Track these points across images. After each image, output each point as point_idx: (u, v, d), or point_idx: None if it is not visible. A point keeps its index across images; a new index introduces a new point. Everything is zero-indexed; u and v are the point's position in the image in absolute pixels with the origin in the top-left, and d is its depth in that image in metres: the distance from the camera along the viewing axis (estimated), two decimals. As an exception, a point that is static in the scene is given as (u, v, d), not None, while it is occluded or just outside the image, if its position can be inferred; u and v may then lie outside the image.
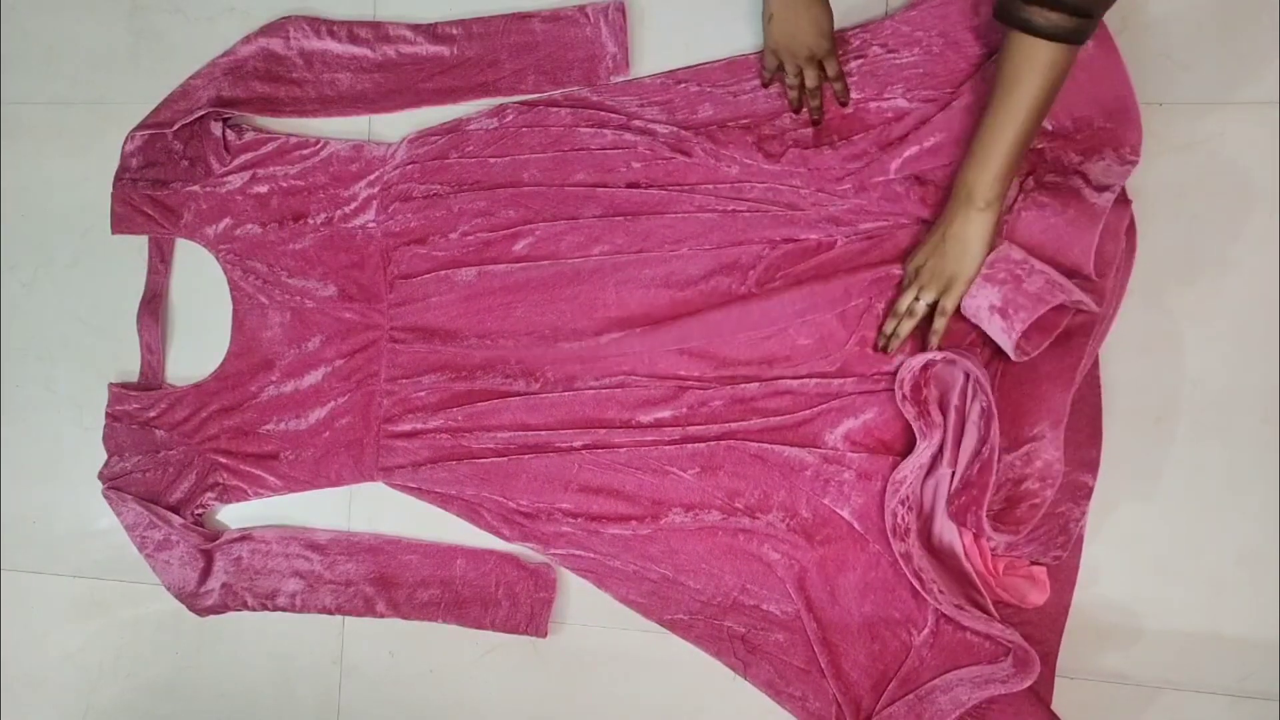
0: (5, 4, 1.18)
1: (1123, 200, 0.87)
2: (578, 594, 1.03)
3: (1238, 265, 0.91)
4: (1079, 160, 0.87)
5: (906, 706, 0.89)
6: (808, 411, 0.94)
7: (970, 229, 0.84)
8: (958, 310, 0.87)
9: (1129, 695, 0.92)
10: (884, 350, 0.91)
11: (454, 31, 1.06)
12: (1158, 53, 0.92)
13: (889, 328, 0.90)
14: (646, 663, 1.02)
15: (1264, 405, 0.91)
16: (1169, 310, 0.92)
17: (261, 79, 1.08)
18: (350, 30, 1.07)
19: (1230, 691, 0.91)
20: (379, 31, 1.07)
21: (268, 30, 1.08)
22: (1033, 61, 0.77)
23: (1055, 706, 0.90)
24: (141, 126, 1.09)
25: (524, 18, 1.04)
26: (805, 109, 0.97)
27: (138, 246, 1.13)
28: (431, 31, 1.06)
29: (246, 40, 1.09)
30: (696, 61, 1.01)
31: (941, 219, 0.86)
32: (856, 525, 0.92)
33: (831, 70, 0.94)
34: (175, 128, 1.07)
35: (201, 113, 1.07)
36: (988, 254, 0.84)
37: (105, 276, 1.15)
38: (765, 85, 0.98)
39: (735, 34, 1.01)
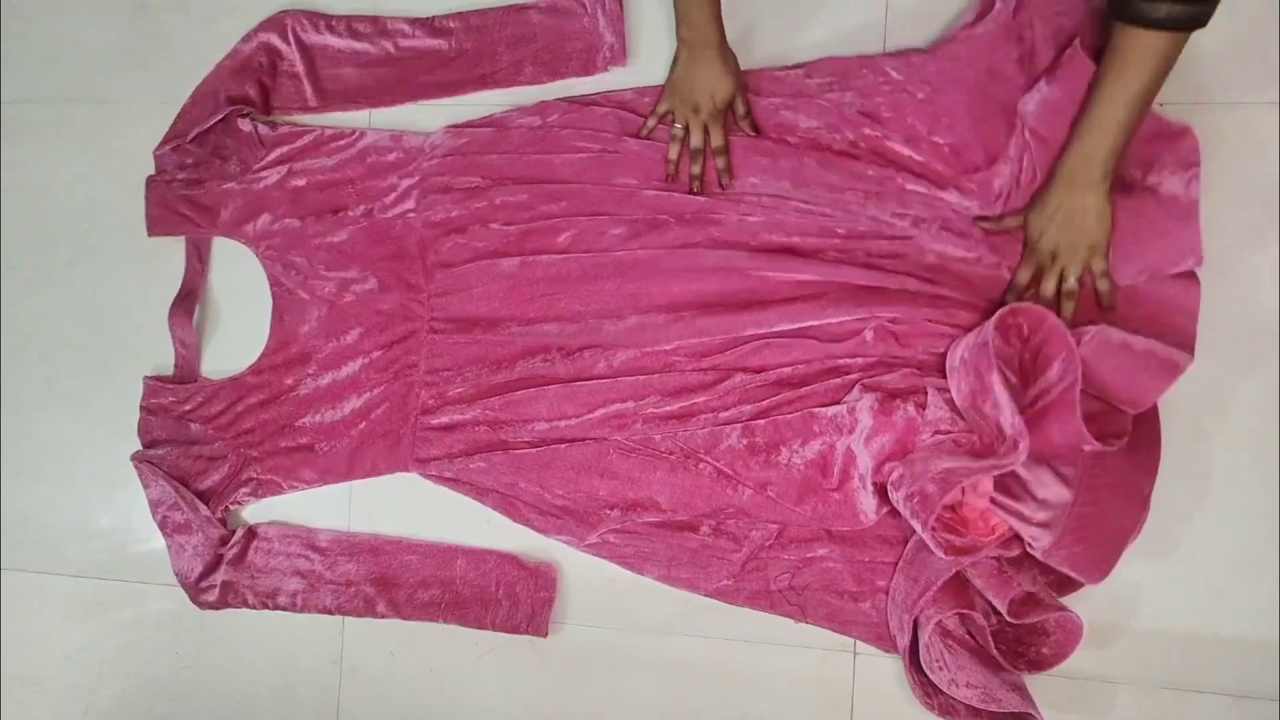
0: (5, 3, 1.18)
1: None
2: (578, 594, 1.03)
3: (1238, 266, 0.91)
4: (1140, 174, 0.90)
5: (902, 574, 0.93)
6: (838, 380, 0.93)
7: (1090, 199, 0.85)
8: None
9: (1129, 695, 0.92)
10: None
11: (452, 25, 1.06)
12: (1158, 53, 0.92)
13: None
14: (646, 663, 1.02)
15: (1264, 405, 0.91)
16: (1169, 310, 0.92)
17: (267, 74, 1.08)
18: (349, 24, 1.08)
19: (1230, 691, 0.91)
20: (378, 25, 1.07)
21: (267, 25, 1.09)
22: (1149, 51, 0.79)
23: (1053, 707, 0.90)
24: (163, 142, 1.09)
25: (521, 9, 1.05)
26: (688, 176, 0.98)
27: (137, 246, 1.13)
28: (429, 25, 1.06)
29: (247, 38, 1.09)
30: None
31: (1047, 201, 0.88)
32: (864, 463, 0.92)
33: (716, 140, 0.96)
34: (190, 137, 1.07)
35: (218, 117, 1.07)
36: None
37: (105, 276, 1.15)
38: (643, 134, 1.00)
39: (733, 23, 1.01)
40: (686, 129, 0.97)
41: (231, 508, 1.08)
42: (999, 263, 0.93)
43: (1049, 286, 0.90)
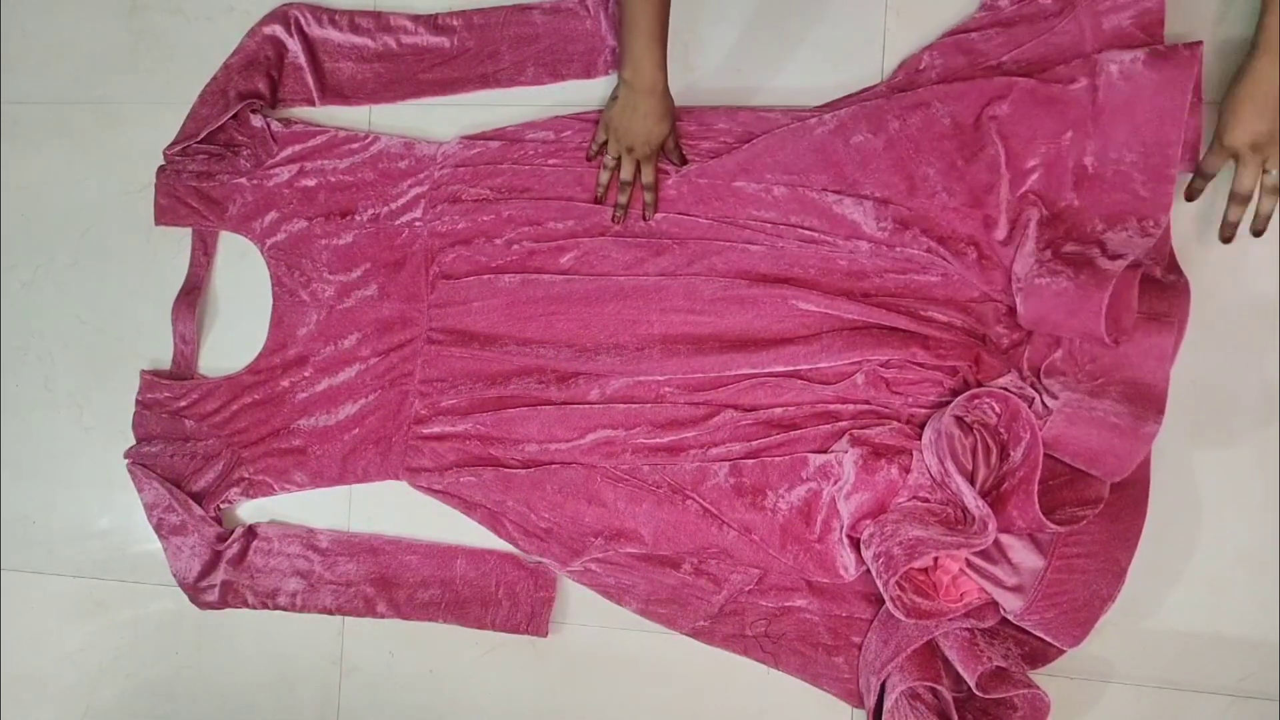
0: (5, 4, 1.18)
1: (1134, 267, 0.84)
2: (578, 594, 1.03)
3: (1238, 265, 0.91)
4: (1101, 229, 0.87)
5: (875, 633, 0.92)
6: (828, 426, 0.93)
7: None
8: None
9: (1128, 695, 0.92)
10: (1229, 241, 0.87)
11: (454, 23, 1.06)
12: (1158, 53, 0.92)
13: (1233, 215, 0.86)
14: (646, 663, 1.02)
15: (1264, 405, 0.91)
16: (1169, 310, 0.92)
17: (275, 67, 1.08)
18: (351, 19, 1.08)
19: (1230, 691, 0.91)
20: (380, 21, 1.07)
21: (270, 18, 1.08)
22: None
23: (1053, 706, 0.90)
24: (174, 143, 1.09)
25: (524, 10, 1.05)
26: (614, 201, 0.99)
27: (137, 246, 1.13)
28: (432, 22, 1.06)
29: (252, 33, 1.09)
30: (695, 42, 1.02)
31: (1246, 77, 0.82)
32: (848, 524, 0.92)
33: (647, 178, 0.97)
34: (201, 136, 1.07)
35: (229, 114, 1.06)
36: None
37: (105, 276, 1.15)
38: (589, 158, 1.01)
39: (734, 32, 1.01)
40: (619, 162, 0.97)
41: (223, 506, 1.08)
42: (993, 292, 0.92)
43: (1246, 182, 0.84)
